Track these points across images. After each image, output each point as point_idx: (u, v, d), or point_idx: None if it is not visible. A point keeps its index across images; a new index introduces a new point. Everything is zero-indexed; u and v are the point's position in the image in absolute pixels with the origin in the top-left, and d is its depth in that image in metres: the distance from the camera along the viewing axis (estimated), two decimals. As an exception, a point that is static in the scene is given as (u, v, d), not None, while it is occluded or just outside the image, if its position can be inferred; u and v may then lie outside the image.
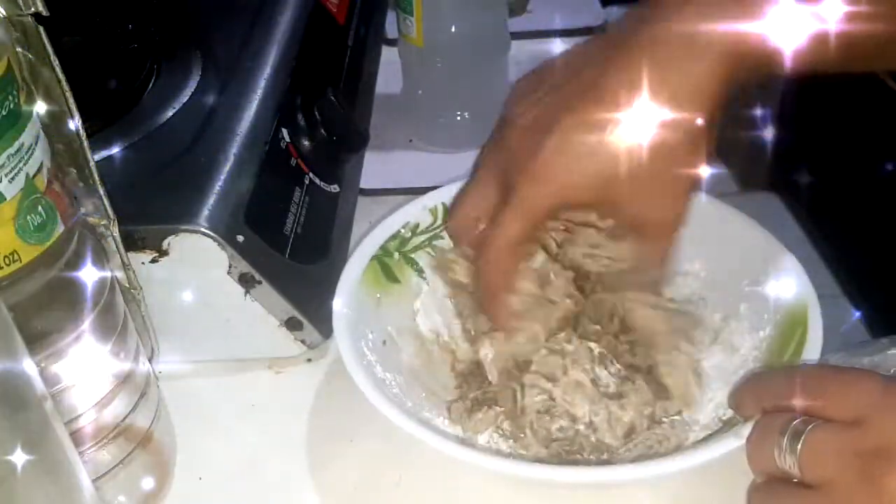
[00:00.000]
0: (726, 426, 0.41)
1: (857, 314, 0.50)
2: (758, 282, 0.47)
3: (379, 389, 0.41)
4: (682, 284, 0.50)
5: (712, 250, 0.49)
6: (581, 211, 0.44)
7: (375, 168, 0.66)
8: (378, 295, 0.49)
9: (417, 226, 0.52)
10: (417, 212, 0.52)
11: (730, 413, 0.42)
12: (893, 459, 0.31)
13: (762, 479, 0.37)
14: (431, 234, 0.52)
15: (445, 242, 0.52)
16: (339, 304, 0.46)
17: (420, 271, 0.52)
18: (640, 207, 0.42)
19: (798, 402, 0.35)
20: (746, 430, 0.37)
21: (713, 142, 0.41)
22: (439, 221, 0.52)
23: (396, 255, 0.51)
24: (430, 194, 0.53)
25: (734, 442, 0.37)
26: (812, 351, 0.41)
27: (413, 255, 0.52)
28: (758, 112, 0.68)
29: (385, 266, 0.50)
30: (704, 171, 0.42)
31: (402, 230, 0.52)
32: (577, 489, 0.43)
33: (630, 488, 0.43)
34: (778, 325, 0.45)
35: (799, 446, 0.34)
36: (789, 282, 0.45)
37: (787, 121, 0.69)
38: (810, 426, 0.34)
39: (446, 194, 0.53)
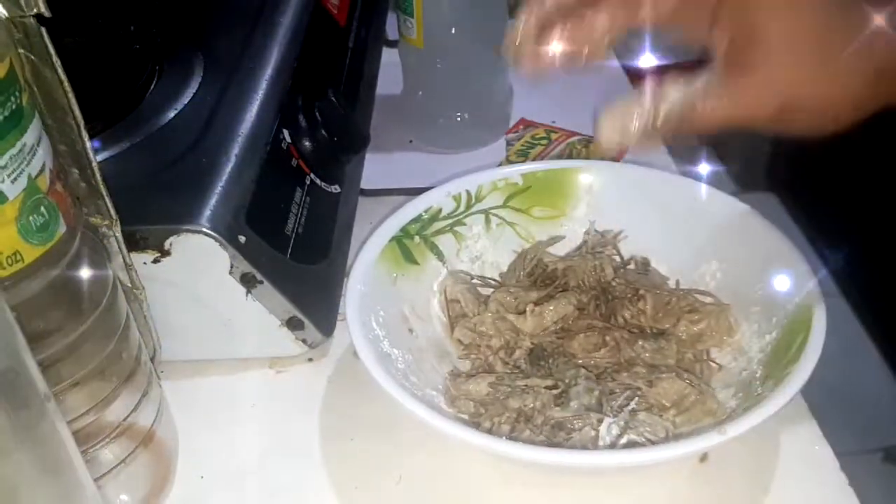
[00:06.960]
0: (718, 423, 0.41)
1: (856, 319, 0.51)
2: (770, 285, 0.47)
3: (379, 361, 0.42)
4: (698, 283, 0.51)
5: (729, 251, 0.50)
6: None
7: (376, 168, 0.66)
8: (395, 275, 0.50)
9: (440, 211, 0.53)
10: (441, 198, 0.53)
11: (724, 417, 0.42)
12: None
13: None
14: (454, 219, 0.53)
15: (467, 229, 0.53)
16: (354, 278, 0.47)
17: (440, 255, 0.52)
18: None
19: None
20: (733, 427, 0.37)
21: None
22: (462, 208, 0.53)
23: (417, 237, 0.52)
24: (455, 181, 0.54)
25: (717, 437, 0.38)
26: (811, 355, 0.41)
27: (434, 240, 0.52)
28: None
29: (404, 247, 0.51)
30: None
31: (425, 214, 0.52)
32: (572, 476, 0.44)
33: (626, 483, 0.44)
34: (783, 329, 0.45)
35: None
36: (798, 286, 0.45)
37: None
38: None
39: (470, 182, 0.53)
